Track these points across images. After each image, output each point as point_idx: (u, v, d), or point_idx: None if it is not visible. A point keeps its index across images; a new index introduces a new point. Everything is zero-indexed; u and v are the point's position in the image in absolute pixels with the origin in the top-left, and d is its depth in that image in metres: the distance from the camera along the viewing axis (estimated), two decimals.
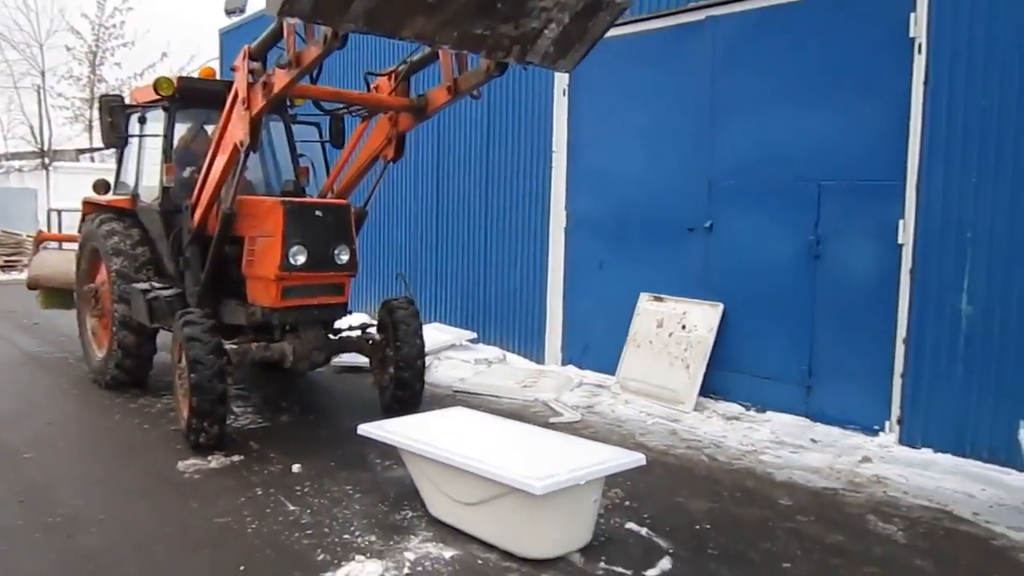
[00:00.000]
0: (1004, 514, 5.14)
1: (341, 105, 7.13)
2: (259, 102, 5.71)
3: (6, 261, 20.94)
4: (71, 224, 12.65)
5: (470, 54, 5.71)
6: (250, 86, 5.75)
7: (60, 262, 10.09)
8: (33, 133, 32.12)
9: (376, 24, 4.41)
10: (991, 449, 5.98)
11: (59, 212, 14.84)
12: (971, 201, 6.11)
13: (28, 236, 22.23)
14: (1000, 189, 5.96)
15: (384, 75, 6.87)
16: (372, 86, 6.97)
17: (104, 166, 30.05)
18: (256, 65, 5.76)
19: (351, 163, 7.50)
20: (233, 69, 5.98)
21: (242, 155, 6.07)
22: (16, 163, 29.91)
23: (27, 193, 26.07)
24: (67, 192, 23.49)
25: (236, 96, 5.99)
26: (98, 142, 33.12)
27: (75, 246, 9.16)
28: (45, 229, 18.93)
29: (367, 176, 7.58)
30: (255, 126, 5.87)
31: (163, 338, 7.78)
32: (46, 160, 28.50)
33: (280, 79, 5.46)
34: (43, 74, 32.93)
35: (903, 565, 4.45)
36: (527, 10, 4.73)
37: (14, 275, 20.50)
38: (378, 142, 7.10)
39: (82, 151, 32.97)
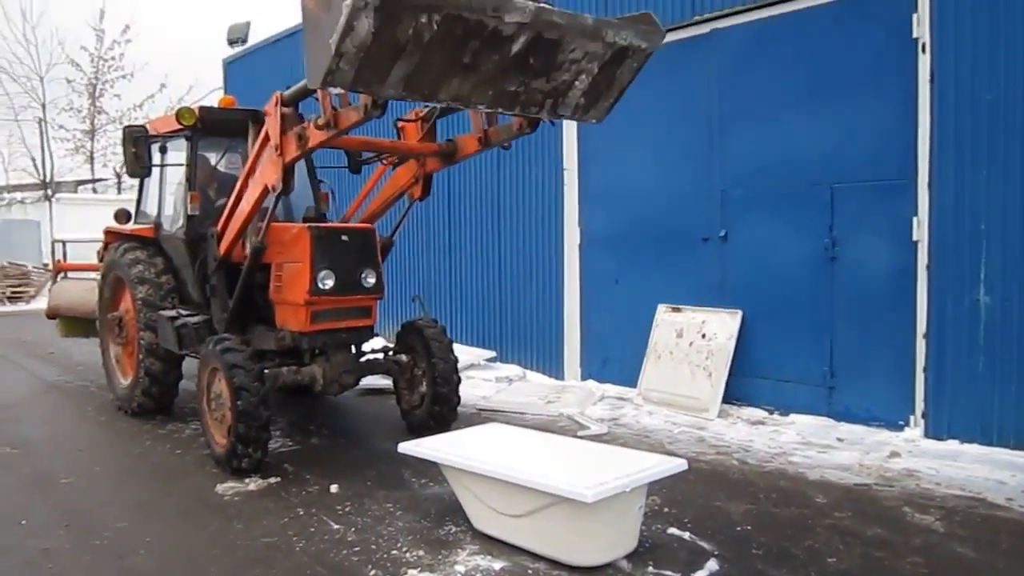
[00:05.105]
0: None
1: (372, 154, 7.20)
2: (293, 152, 5.76)
3: (13, 292, 20.99)
4: (76, 254, 12.75)
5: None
6: (284, 134, 5.77)
7: (78, 291, 10.19)
8: (35, 165, 32.39)
9: (414, 89, 4.43)
10: (1017, 436, 6.12)
11: (64, 243, 15.08)
12: (983, 193, 6.27)
13: (34, 267, 22.31)
14: (1011, 178, 6.13)
15: (411, 120, 6.91)
16: (398, 126, 7.02)
17: (105, 197, 30.25)
18: (288, 111, 5.81)
19: (375, 194, 7.60)
20: (265, 114, 6.03)
21: (272, 196, 6.14)
22: (19, 195, 30.03)
23: (30, 225, 26.18)
24: (69, 223, 23.57)
25: (267, 138, 6.03)
26: (99, 173, 33.32)
27: (94, 275, 9.23)
28: (49, 260, 19.01)
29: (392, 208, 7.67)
30: (288, 173, 5.92)
31: (187, 364, 7.88)
32: (48, 192, 28.63)
33: (315, 137, 5.50)
34: (44, 107, 33.14)
35: (945, 552, 4.55)
36: (558, 63, 4.72)
37: (21, 306, 20.58)
38: (405, 180, 7.18)
39: (81, 182, 33.11)
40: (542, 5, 4.38)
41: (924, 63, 6.57)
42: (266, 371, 6.43)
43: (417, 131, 6.86)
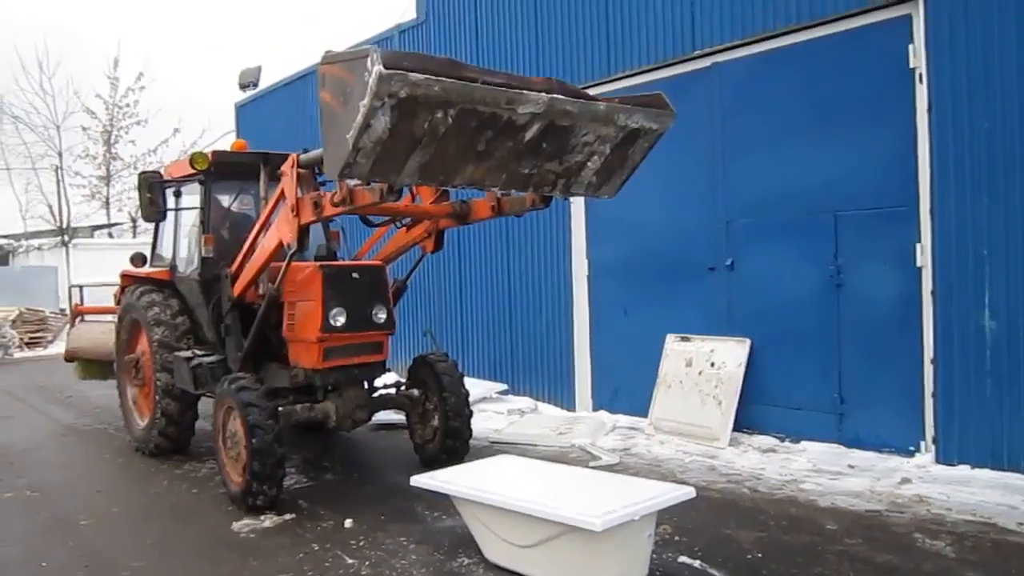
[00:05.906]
0: None
1: (387, 218, 7.33)
2: (309, 216, 5.85)
3: (31, 338, 21.18)
4: (93, 299, 12.91)
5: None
6: (300, 199, 5.88)
7: (96, 334, 10.33)
8: (52, 212, 32.87)
9: (429, 177, 4.56)
10: None
11: (80, 288, 15.27)
12: (984, 219, 6.33)
13: (51, 313, 22.54)
14: (1012, 204, 6.19)
15: None
16: (414, 189, 7.07)
17: (121, 241, 30.61)
18: (305, 172, 5.92)
19: (388, 237, 7.72)
20: (281, 174, 6.16)
21: (287, 251, 6.19)
22: (36, 242, 30.44)
23: (47, 271, 26.47)
24: (86, 268, 23.81)
25: (283, 195, 6.14)
26: (114, 217, 33.73)
27: (111, 318, 9.36)
28: (67, 305, 19.20)
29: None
30: (303, 233, 6.01)
31: (203, 404, 7.98)
32: (65, 238, 29.03)
33: (330, 210, 5.62)
34: (60, 154, 33.77)
35: None
36: (571, 147, 4.83)
37: (39, 351, 20.78)
38: (418, 233, 7.28)
39: (97, 227, 33.55)
40: (555, 95, 4.47)
41: (922, 93, 6.68)
42: (280, 408, 6.52)
43: (431, 192, 6.96)
